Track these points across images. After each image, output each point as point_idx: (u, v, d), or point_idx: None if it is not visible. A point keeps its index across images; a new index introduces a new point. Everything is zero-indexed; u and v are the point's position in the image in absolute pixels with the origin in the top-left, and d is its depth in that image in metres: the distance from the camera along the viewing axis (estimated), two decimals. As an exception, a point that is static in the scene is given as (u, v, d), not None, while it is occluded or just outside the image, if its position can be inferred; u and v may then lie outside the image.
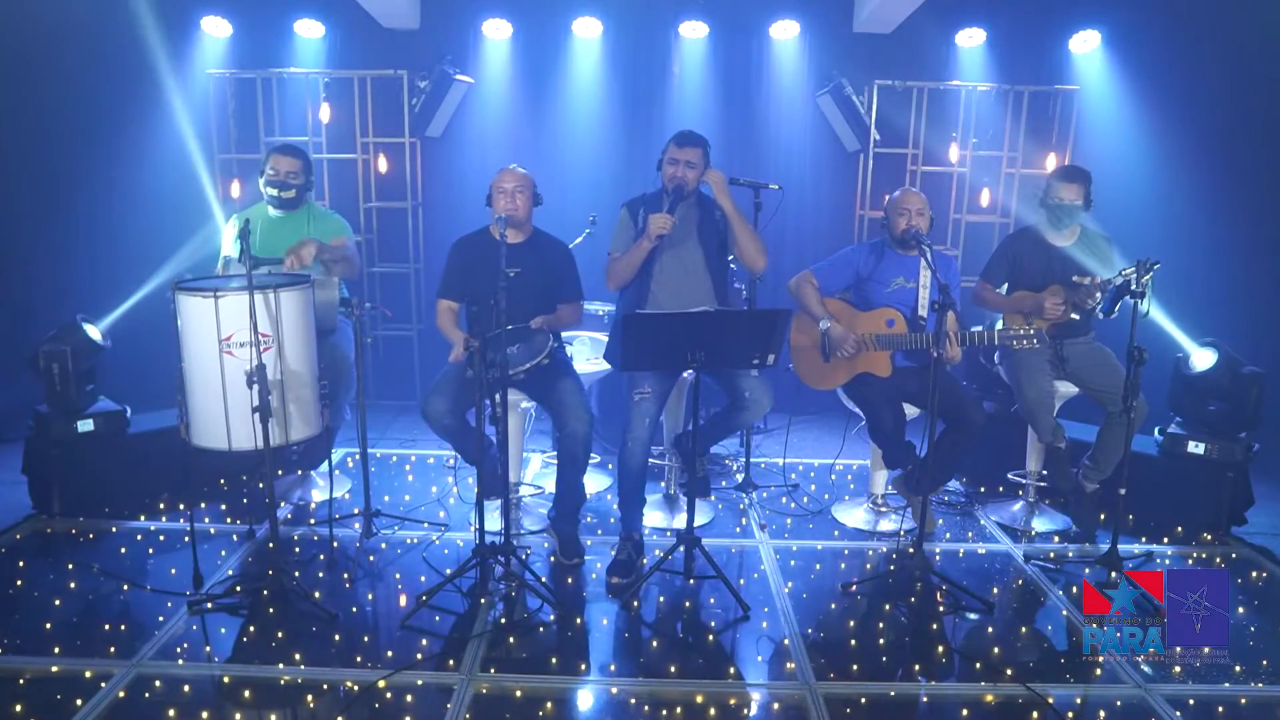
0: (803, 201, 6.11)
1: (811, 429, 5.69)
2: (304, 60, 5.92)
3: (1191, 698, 3.00)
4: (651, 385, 3.76)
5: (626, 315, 3.54)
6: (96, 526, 4.12)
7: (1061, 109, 5.97)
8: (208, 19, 5.73)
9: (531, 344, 3.72)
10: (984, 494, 4.70)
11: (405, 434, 5.53)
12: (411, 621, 3.33)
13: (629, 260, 3.80)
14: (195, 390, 3.36)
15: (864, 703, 2.95)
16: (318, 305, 3.67)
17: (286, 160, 4.19)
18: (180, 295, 3.30)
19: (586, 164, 6.07)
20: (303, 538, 4.05)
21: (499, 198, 3.79)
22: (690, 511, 3.61)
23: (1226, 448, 4.25)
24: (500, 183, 3.81)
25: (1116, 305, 3.93)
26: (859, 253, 4.14)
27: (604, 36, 5.92)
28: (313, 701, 2.88)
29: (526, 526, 4.17)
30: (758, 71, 6.04)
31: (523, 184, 3.82)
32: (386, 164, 6.04)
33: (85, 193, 5.70)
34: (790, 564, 3.96)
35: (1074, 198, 4.08)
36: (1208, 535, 4.27)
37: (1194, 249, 5.35)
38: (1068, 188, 4.09)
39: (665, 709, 2.88)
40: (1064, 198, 4.09)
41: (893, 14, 5.65)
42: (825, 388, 4.16)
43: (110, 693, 2.85)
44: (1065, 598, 3.66)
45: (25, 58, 5.38)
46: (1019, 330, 3.84)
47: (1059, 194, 4.10)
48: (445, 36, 5.93)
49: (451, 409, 3.75)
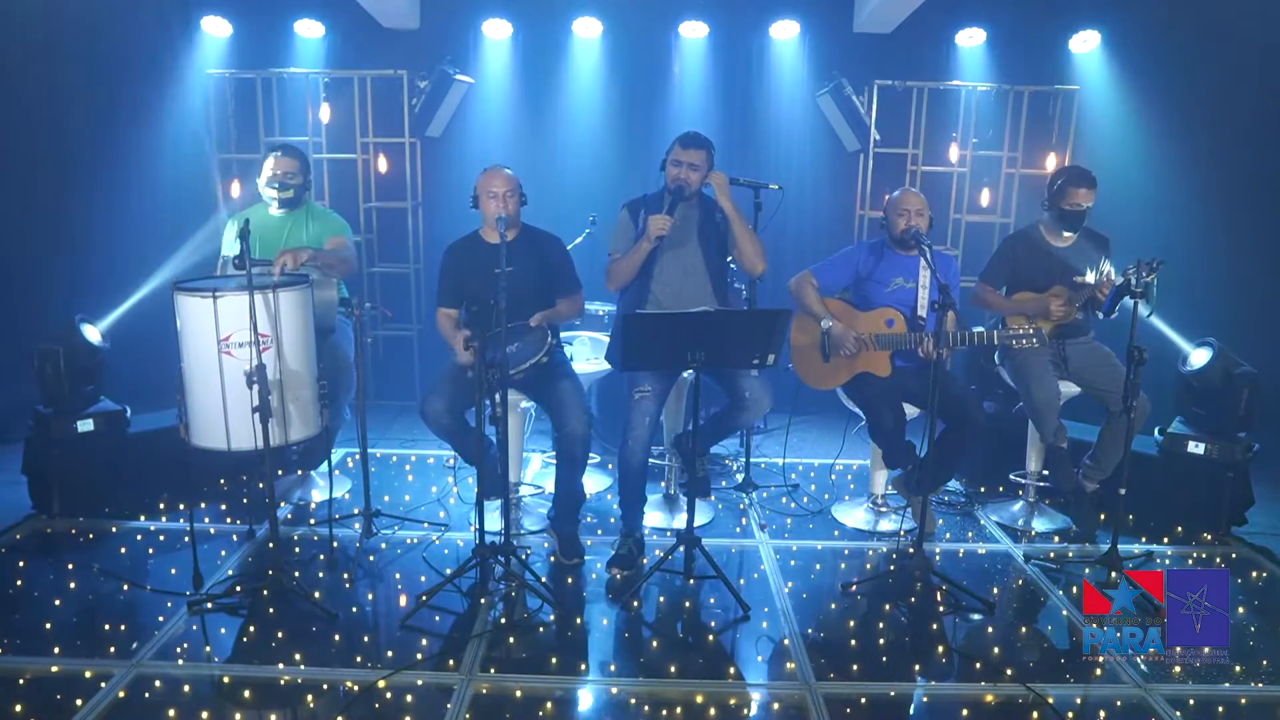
0: (803, 201, 6.11)
1: (811, 429, 5.69)
2: (304, 60, 5.92)
3: (1191, 698, 3.00)
4: (652, 385, 3.76)
5: (626, 315, 3.54)
6: (96, 526, 4.12)
7: (1061, 109, 5.97)
8: (208, 19, 5.73)
9: (530, 342, 3.71)
10: (984, 494, 4.70)
11: (405, 434, 5.53)
12: (411, 621, 3.33)
13: (629, 261, 3.80)
14: (195, 390, 3.36)
15: (864, 703, 2.95)
16: (317, 305, 3.67)
17: (284, 161, 4.18)
18: (179, 295, 3.30)
19: (586, 164, 6.07)
20: (303, 538, 4.05)
21: (489, 201, 3.77)
22: (690, 511, 3.61)
23: (1226, 448, 4.25)
24: (489, 186, 3.78)
25: (1116, 305, 3.93)
26: (858, 253, 4.14)
27: (604, 36, 5.92)
28: (313, 701, 2.89)
29: (526, 526, 4.17)
30: (758, 71, 6.04)
31: (513, 188, 3.80)
32: (386, 164, 6.03)
33: (86, 193, 5.70)
34: (790, 564, 3.96)
35: (1089, 202, 4.04)
36: (1208, 535, 4.27)
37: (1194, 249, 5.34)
38: (1085, 193, 4.03)
39: (665, 709, 2.88)
40: (1080, 203, 4.04)
41: (893, 14, 5.65)
42: (825, 387, 4.16)
43: (110, 693, 2.85)
44: (1065, 598, 3.66)
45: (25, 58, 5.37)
46: (1020, 331, 3.84)
47: (1074, 198, 4.03)
48: (445, 36, 5.93)
49: (450, 409, 3.75)
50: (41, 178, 5.66)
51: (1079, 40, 5.83)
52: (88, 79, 5.54)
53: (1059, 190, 4.08)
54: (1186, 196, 5.60)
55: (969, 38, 5.88)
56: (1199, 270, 5.27)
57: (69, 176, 5.69)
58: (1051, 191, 4.13)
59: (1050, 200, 4.13)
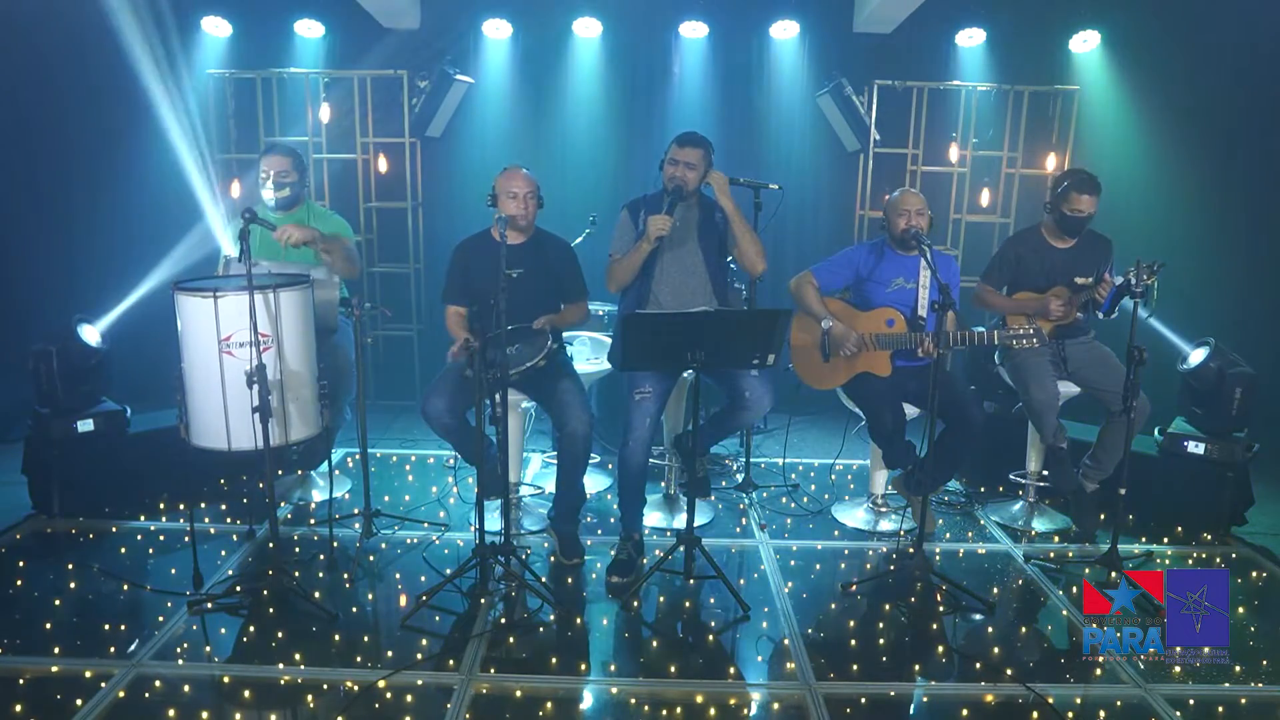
0: (803, 201, 6.11)
1: (811, 429, 5.69)
2: (304, 60, 5.93)
3: (1191, 698, 3.00)
4: (652, 385, 3.76)
5: (627, 315, 3.54)
6: (96, 526, 4.12)
7: (1061, 109, 5.98)
8: (208, 19, 5.73)
9: (531, 345, 3.71)
10: (984, 494, 4.70)
11: (405, 434, 5.53)
12: (411, 621, 3.33)
13: (629, 262, 3.80)
14: (195, 390, 3.36)
15: (864, 703, 2.95)
16: (318, 305, 3.67)
17: (276, 160, 4.16)
18: (180, 295, 3.30)
19: (586, 164, 6.08)
20: (303, 538, 4.05)
21: (508, 202, 3.77)
22: (690, 511, 3.61)
23: (1226, 447, 4.25)
24: (509, 186, 3.78)
25: (1116, 305, 3.93)
26: (858, 253, 4.14)
27: (604, 36, 5.92)
28: (313, 701, 2.89)
29: (526, 526, 4.17)
30: (758, 71, 6.04)
31: (533, 190, 3.81)
32: (386, 164, 6.04)
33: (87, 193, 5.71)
34: (790, 564, 3.96)
35: (1092, 210, 3.99)
36: (1208, 535, 4.27)
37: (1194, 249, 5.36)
38: (1088, 200, 3.98)
39: (665, 709, 2.88)
40: (1082, 209, 3.99)
41: (893, 14, 5.65)
42: (825, 387, 4.16)
43: (110, 693, 2.85)
44: (1065, 598, 3.66)
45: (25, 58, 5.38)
46: (1019, 330, 3.84)
47: (1076, 204, 3.99)
48: (445, 36, 5.93)
49: (450, 408, 3.75)
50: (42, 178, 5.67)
51: (1079, 40, 5.84)
52: (88, 79, 5.54)
53: (1062, 193, 4.03)
54: (1186, 196, 5.60)
55: (969, 38, 5.88)
56: (1199, 270, 5.27)
57: (70, 177, 5.69)
58: (1055, 194, 4.08)
59: (1052, 203, 4.10)
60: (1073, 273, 4.09)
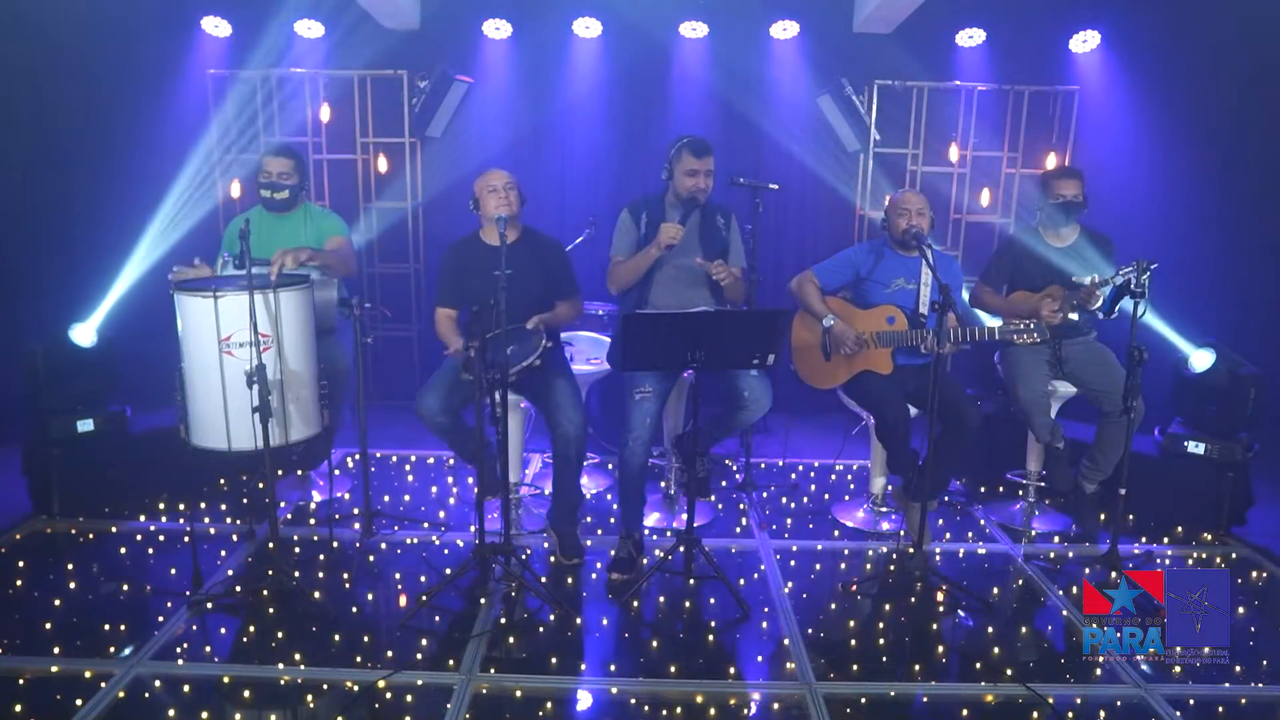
0: (803, 201, 6.11)
1: (811, 429, 5.69)
2: (304, 60, 5.92)
3: (1191, 698, 3.00)
4: (652, 385, 3.76)
5: (627, 315, 3.53)
6: (96, 526, 4.12)
7: (1061, 109, 5.97)
8: (208, 19, 5.73)
9: (525, 345, 3.71)
10: (984, 494, 4.70)
11: (405, 434, 5.52)
12: (411, 621, 3.33)
13: (634, 266, 3.80)
14: (195, 390, 3.37)
15: (864, 703, 2.95)
16: (317, 305, 3.67)
17: (278, 161, 4.16)
18: (180, 295, 3.30)
19: (586, 165, 6.07)
20: (303, 538, 4.05)
21: (489, 197, 3.78)
22: (690, 511, 3.61)
23: (1226, 447, 4.25)
24: (489, 181, 3.80)
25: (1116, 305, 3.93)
26: (859, 253, 4.14)
27: (604, 37, 5.91)
28: (313, 701, 2.89)
29: (526, 526, 4.17)
30: (758, 72, 6.03)
31: (511, 182, 3.82)
32: (386, 164, 6.04)
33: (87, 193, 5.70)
34: (790, 564, 3.96)
35: (1074, 192, 4.07)
36: (1208, 535, 4.27)
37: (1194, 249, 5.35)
38: (1067, 183, 4.09)
39: (665, 709, 2.88)
40: (1065, 193, 4.08)
41: (893, 14, 5.64)
42: (826, 386, 4.16)
43: (110, 693, 2.85)
44: (1065, 598, 3.66)
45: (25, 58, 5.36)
46: (1019, 325, 3.84)
47: (1059, 190, 4.09)
48: (445, 36, 5.92)
49: (444, 407, 3.75)
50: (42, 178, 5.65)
51: (1079, 40, 5.83)
52: (88, 79, 5.53)
53: (1045, 188, 4.18)
54: (1186, 196, 5.59)
55: (969, 38, 5.88)
56: (1199, 270, 5.27)
57: (70, 177, 5.68)
58: (1042, 191, 4.20)
59: (1042, 200, 4.19)
60: (1069, 273, 4.09)
